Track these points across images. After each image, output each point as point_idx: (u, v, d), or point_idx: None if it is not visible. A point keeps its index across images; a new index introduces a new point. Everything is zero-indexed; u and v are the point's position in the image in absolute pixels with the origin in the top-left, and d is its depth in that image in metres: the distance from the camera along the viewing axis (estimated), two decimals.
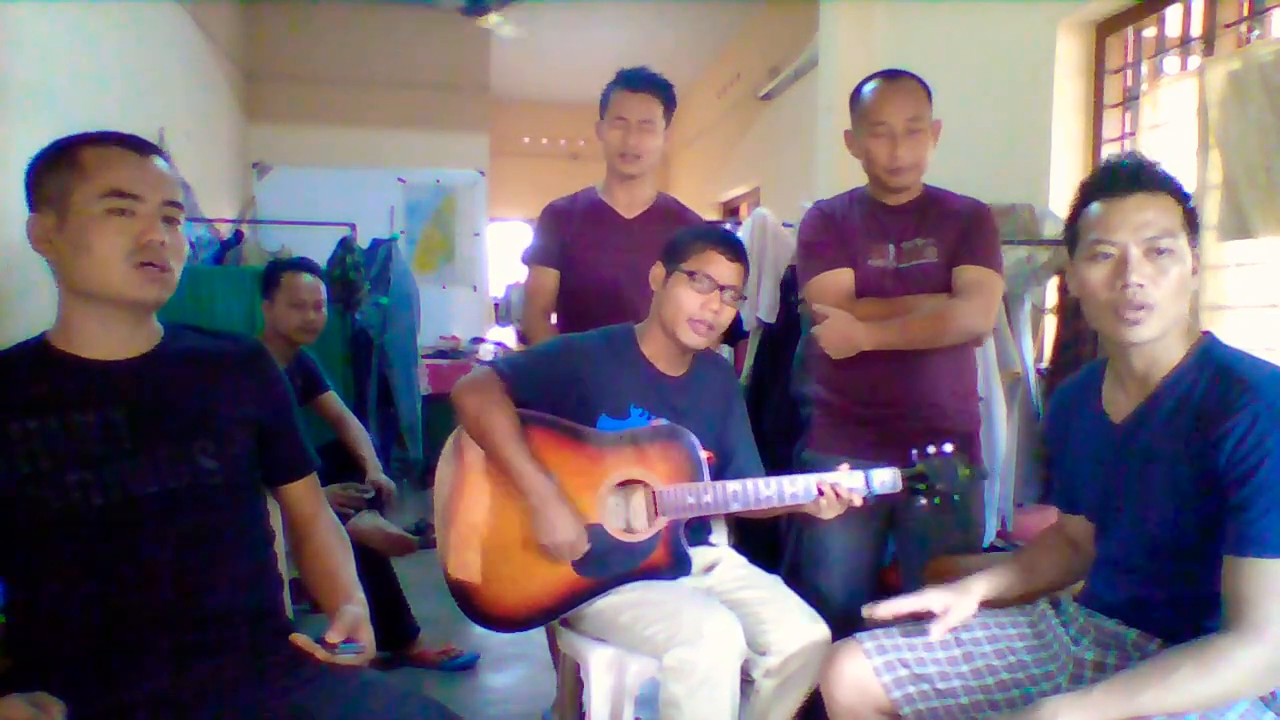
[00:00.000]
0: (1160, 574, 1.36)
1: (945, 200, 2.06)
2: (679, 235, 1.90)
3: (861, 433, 2.02)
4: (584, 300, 2.35)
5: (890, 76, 2.02)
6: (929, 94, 2.01)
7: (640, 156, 2.31)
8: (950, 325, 1.92)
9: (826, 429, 2.11)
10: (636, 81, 2.31)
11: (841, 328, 1.92)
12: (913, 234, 2.01)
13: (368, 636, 1.32)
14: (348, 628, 1.30)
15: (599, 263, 2.33)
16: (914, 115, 1.95)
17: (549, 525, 1.71)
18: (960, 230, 1.99)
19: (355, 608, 1.36)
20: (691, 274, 1.80)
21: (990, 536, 2.53)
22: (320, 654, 1.28)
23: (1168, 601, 1.35)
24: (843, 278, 2.01)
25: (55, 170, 1.24)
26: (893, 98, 1.97)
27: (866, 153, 2.01)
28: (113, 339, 1.29)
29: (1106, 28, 3.19)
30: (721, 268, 1.80)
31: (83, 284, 1.25)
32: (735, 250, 1.84)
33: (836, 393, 2.09)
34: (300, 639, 1.31)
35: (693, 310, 1.80)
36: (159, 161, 1.29)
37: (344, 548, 1.49)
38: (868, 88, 2.02)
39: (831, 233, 2.05)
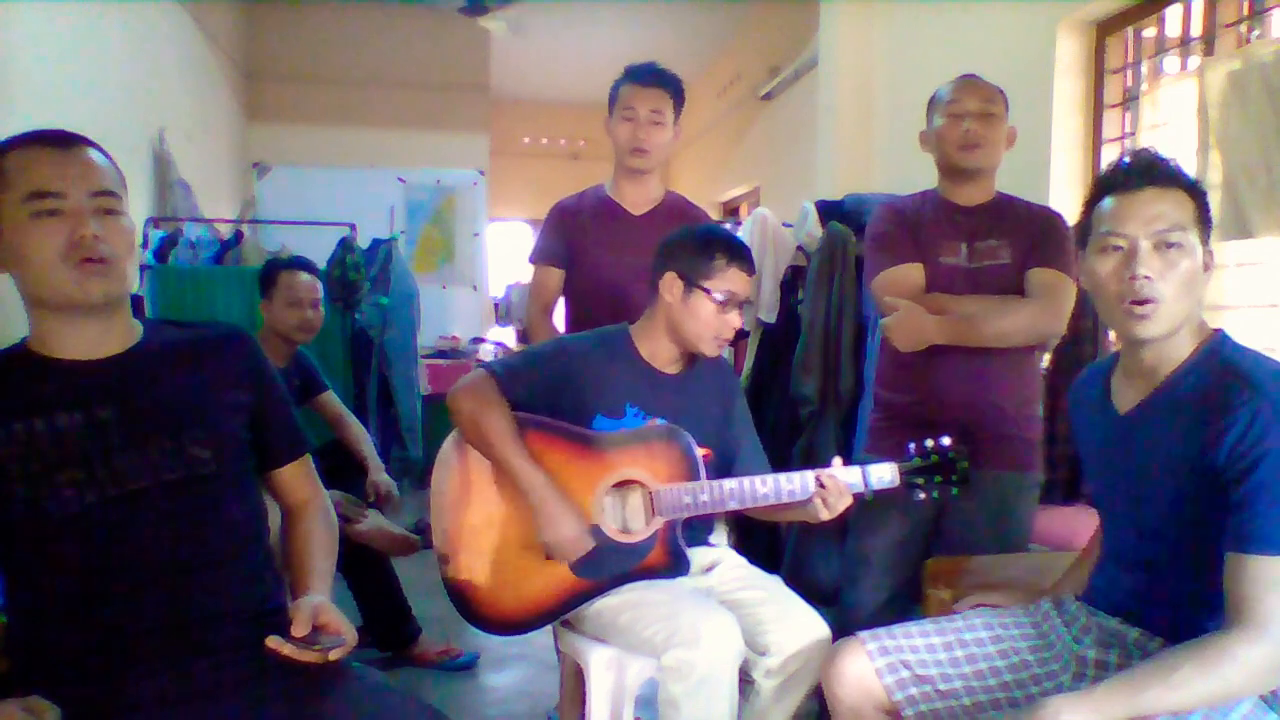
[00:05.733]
0: (1158, 569, 1.36)
1: (1019, 205, 2.07)
2: (691, 243, 1.82)
3: (920, 434, 1.97)
4: (593, 298, 2.33)
5: (968, 75, 2.07)
6: (1006, 100, 2.04)
7: (649, 151, 2.29)
8: (1022, 326, 1.92)
9: (884, 430, 2.10)
10: (646, 76, 2.30)
11: (912, 321, 1.90)
12: (985, 234, 2.01)
13: (340, 623, 1.27)
14: (308, 619, 1.25)
15: (608, 261, 2.32)
16: (989, 99, 2.00)
17: (551, 523, 1.71)
18: (1034, 233, 1.99)
19: (314, 597, 1.31)
20: (717, 295, 1.78)
21: None
22: (308, 656, 1.22)
23: (1166, 599, 1.35)
24: (913, 273, 2.01)
25: None
26: (969, 86, 2.03)
27: (939, 138, 2.03)
28: (87, 339, 1.27)
29: (1106, 28, 3.19)
30: (743, 284, 1.82)
31: (35, 292, 1.23)
32: (751, 263, 1.85)
33: (898, 393, 2.08)
34: (275, 641, 1.22)
35: (719, 329, 1.81)
36: (88, 153, 1.24)
37: (328, 536, 1.45)
38: (944, 85, 2.07)
39: (904, 228, 2.05)
